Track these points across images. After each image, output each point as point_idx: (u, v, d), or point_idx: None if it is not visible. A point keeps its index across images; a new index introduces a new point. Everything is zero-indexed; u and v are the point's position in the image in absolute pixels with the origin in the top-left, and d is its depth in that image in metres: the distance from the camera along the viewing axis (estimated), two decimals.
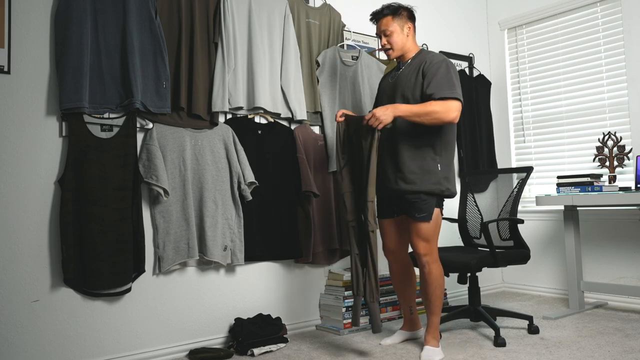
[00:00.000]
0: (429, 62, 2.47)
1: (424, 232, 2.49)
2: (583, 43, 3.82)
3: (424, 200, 2.46)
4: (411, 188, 2.46)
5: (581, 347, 2.57)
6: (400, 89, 2.53)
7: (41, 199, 2.34)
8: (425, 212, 2.46)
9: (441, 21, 4.11)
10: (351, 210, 2.50)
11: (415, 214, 2.47)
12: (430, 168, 2.47)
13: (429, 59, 2.50)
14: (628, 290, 3.29)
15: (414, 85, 2.48)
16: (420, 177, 2.45)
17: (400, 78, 2.57)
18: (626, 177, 3.52)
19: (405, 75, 2.55)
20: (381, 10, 2.59)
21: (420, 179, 2.45)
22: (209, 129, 2.77)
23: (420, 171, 2.46)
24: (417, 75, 2.48)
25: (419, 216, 2.46)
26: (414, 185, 2.46)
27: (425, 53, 2.60)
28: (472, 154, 4.04)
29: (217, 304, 2.80)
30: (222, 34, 2.80)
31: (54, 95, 2.38)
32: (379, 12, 2.60)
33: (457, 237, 3.37)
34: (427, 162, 2.47)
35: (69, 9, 2.36)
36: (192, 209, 2.66)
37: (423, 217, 2.46)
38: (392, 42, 2.57)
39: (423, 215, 2.46)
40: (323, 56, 3.25)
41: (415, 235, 2.50)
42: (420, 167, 2.46)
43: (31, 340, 2.27)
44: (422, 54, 2.59)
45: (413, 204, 2.47)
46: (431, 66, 2.45)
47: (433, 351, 2.49)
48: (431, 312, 2.55)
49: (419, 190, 2.45)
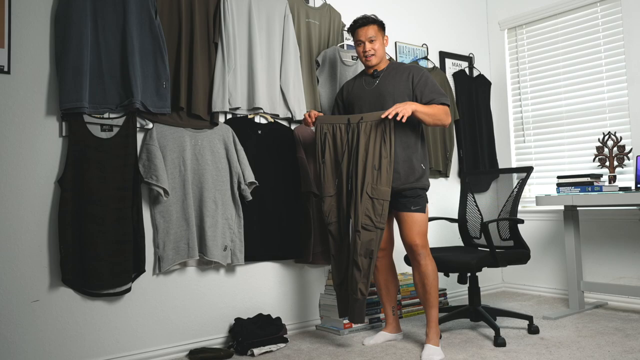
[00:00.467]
0: (414, 73, 2.66)
1: (419, 224, 2.61)
2: (583, 43, 3.82)
3: (419, 195, 2.64)
4: (409, 185, 2.61)
5: (581, 347, 2.57)
6: (390, 94, 2.65)
7: (41, 199, 2.34)
8: (420, 204, 2.63)
9: (441, 21, 4.11)
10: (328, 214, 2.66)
11: (411, 207, 2.62)
12: (418, 166, 2.66)
13: (409, 68, 2.70)
14: (628, 290, 3.29)
15: (404, 86, 2.64)
16: (413, 175, 2.62)
17: (384, 85, 2.68)
18: (626, 177, 3.52)
19: (390, 83, 2.67)
20: (367, 19, 2.69)
21: (413, 177, 2.62)
22: (209, 129, 2.77)
23: (411, 170, 2.63)
24: (407, 80, 2.65)
25: (415, 208, 2.61)
26: (410, 183, 2.62)
27: (399, 64, 2.80)
28: (472, 154, 4.04)
29: (217, 304, 2.80)
30: (222, 34, 2.80)
31: (54, 95, 2.38)
32: (366, 20, 2.69)
33: (457, 237, 3.37)
34: (416, 162, 2.65)
35: (69, 9, 2.36)
36: (192, 209, 2.66)
37: (419, 209, 2.63)
38: (377, 49, 2.68)
39: (418, 207, 2.63)
40: (323, 56, 3.25)
41: (410, 228, 2.61)
42: (411, 166, 2.63)
43: (31, 340, 2.27)
44: (397, 64, 2.77)
45: (409, 199, 2.61)
46: (418, 74, 2.66)
47: (434, 350, 2.50)
48: (430, 305, 2.61)
49: (414, 186, 2.62)
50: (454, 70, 4.11)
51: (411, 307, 3.37)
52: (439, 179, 3.90)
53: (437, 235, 3.71)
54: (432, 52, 3.98)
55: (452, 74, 4.10)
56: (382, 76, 2.70)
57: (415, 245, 2.59)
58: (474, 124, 4.09)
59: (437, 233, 3.72)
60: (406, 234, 2.62)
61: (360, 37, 2.68)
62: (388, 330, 2.82)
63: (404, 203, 2.61)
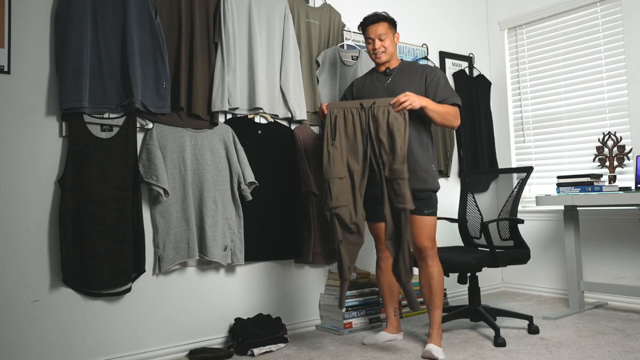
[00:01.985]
0: (428, 72, 2.64)
1: (430, 227, 2.61)
2: (583, 43, 3.82)
3: (432, 197, 2.62)
4: (425, 186, 2.59)
5: (581, 347, 2.57)
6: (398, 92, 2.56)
7: (41, 199, 2.34)
8: (433, 207, 2.62)
9: (441, 21, 4.11)
10: (337, 197, 2.46)
11: (424, 210, 2.59)
12: (430, 167, 2.64)
13: (422, 67, 2.69)
14: (628, 290, 3.29)
15: (418, 84, 2.61)
16: (429, 176, 2.61)
17: (397, 83, 2.65)
18: (626, 177, 3.52)
19: (405, 81, 2.64)
20: (377, 16, 2.66)
21: (429, 177, 2.61)
22: (209, 129, 2.77)
23: (427, 170, 2.61)
24: (420, 78, 2.63)
25: (428, 212, 2.59)
26: (426, 184, 2.60)
27: (412, 63, 2.79)
28: (472, 154, 4.04)
29: (217, 304, 2.80)
30: (222, 34, 2.80)
31: (54, 95, 2.38)
32: (376, 17, 2.66)
33: (457, 237, 3.37)
34: (429, 162, 2.64)
35: (69, 9, 2.36)
36: (192, 209, 2.66)
37: (431, 213, 2.61)
38: (387, 46, 2.66)
39: (432, 210, 2.61)
40: (323, 56, 3.25)
41: (421, 231, 2.59)
42: (427, 166, 2.62)
43: (31, 340, 2.27)
44: (410, 63, 2.76)
45: (422, 201, 2.58)
46: (432, 73, 2.64)
47: (436, 349, 2.50)
48: (435, 306, 2.61)
49: (429, 188, 2.60)
50: (454, 70, 4.11)
51: None
52: (439, 179, 3.87)
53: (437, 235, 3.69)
54: (432, 52, 3.98)
55: (452, 74, 4.09)
56: (395, 74, 2.69)
57: (425, 248, 2.60)
58: (474, 124, 4.09)
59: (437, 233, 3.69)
60: (417, 236, 2.59)
61: (370, 34, 2.66)
62: (389, 330, 2.82)
63: (417, 206, 2.51)
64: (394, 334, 2.81)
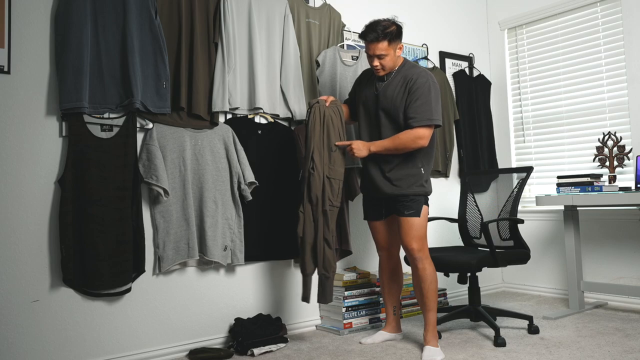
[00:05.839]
0: (414, 81, 2.55)
1: (415, 228, 2.58)
2: (583, 43, 3.82)
3: (412, 199, 2.60)
4: (399, 192, 2.60)
5: (581, 347, 2.57)
6: (383, 103, 2.62)
7: (41, 199, 2.34)
8: (414, 209, 2.59)
9: (441, 21, 4.11)
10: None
11: (404, 211, 2.59)
12: (415, 173, 2.61)
13: (415, 76, 2.57)
14: (628, 290, 3.29)
15: (400, 101, 2.58)
16: (407, 182, 2.59)
17: (385, 91, 2.63)
18: (626, 177, 3.52)
19: (391, 89, 2.61)
20: (377, 35, 2.51)
21: (406, 184, 2.59)
22: (209, 129, 2.77)
23: (406, 177, 2.60)
24: (404, 93, 2.58)
25: (408, 212, 2.58)
26: (401, 189, 2.59)
27: (410, 66, 2.65)
28: (472, 154, 4.04)
29: (217, 304, 2.80)
30: (222, 34, 2.80)
31: (54, 95, 2.38)
32: (376, 36, 2.51)
33: (457, 237, 3.37)
34: (413, 169, 2.61)
35: (69, 9, 2.36)
36: (192, 209, 2.66)
37: (412, 214, 2.59)
38: (384, 64, 2.59)
39: (412, 212, 2.59)
40: (323, 56, 3.25)
41: (406, 232, 2.59)
42: (406, 174, 2.60)
43: (31, 340, 2.27)
44: (407, 67, 2.65)
45: (402, 203, 2.59)
46: (416, 86, 2.54)
47: (434, 351, 2.51)
48: (428, 308, 2.60)
49: (406, 193, 2.59)
50: (454, 70, 4.11)
51: (411, 307, 3.37)
52: (439, 179, 3.89)
53: (437, 235, 3.71)
54: (432, 52, 3.98)
55: (452, 74, 4.09)
56: (389, 81, 2.63)
57: (411, 250, 2.59)
58: (474, 124, 4.09)
59: (437, 233, 3.72)
60: (402, 238, 2.61)
61: (369, 51, 2.58)
62: (388, 329, 2.83)
63: (397, 207, 2.60)
64: (392, 333, 2.81)
